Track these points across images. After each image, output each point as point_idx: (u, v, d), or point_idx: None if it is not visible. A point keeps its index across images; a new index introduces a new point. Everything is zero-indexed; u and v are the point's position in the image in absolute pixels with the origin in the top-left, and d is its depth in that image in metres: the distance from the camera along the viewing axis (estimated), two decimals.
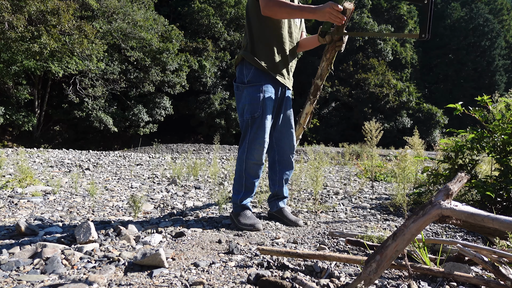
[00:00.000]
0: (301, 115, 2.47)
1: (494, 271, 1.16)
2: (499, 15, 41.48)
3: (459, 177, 1.24)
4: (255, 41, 2.12)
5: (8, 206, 2.48)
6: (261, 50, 2.11)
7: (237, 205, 2.14)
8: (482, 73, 36.77)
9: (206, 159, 8.00)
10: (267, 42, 2.12)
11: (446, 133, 22.64)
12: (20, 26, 12.32)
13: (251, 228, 1.99)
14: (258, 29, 2.11)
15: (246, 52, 2.13)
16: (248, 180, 2.12)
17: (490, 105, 2.60)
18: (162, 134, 21.39)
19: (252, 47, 2.12)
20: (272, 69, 2.13)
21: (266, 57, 2.11)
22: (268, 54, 2.12)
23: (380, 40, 30.01)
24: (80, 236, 1.64)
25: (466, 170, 2.70)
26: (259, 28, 2.11)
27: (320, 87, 2.24)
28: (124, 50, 17.67)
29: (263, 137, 2.06)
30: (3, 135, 16.41)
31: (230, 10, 24.34)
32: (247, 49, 2.14)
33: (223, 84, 23.50)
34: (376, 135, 3.45)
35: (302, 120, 2.47)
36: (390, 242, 1.12)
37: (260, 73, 2.12)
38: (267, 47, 2.12)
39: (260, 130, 2.06)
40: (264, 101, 2.06)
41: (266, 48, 2.12)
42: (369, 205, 2.98)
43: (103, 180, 4.06)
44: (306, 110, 2.42)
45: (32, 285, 1.18)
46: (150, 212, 2.50)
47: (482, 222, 1.05)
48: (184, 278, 1.27)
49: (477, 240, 1.95)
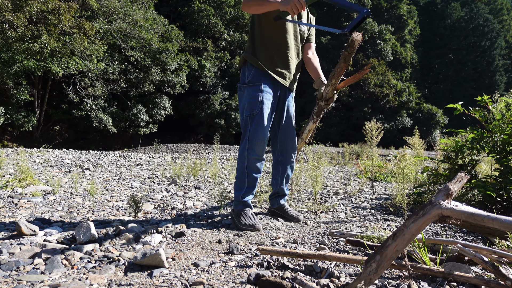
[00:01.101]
0: (303, 131, 2.53)
1: (494, 271, 1.16)
2: (499, 15, 41.48)
3: (459, 177, 1.24)
4: (256, 44, 2.23)
5: (8, 206, 2.48)
6: (261, 51, 2.21)
7: (238, 202, 2.17)
8: (482, 73, 36.78)
9: (206, 159, 8.01)
10: (268, 44, 2.21)
11: (446, 133, 22.66)
12: (21, 26, 12.32)
13: (251, 228, 2.02)
14: (260, 32, 2.21)
15: (247, 54, 2.25)
16: (250, 176, 2.16)
17: (490, 105, 2.60)
18: (162, 134, 21.39)
19: (253, 49, 2.23)
20: (271, 69, 2.20)
21: (266, 57, 2.20)
22: (267, 55, 2.21)
23: (380, 40, 30.02)
24: (80, 236, 1.64)
25: (466, 170, 2.70)
26: (260, 31, 2.21)
27: (323, 108, 2.28)
28: (124, 50, 17.68)
29: (263, 133, 2.12)
30: (3, 135, 16.40)
31: (230, 10, 24.34)
32: (248, 51, 2.26)
33: (223, 84, 23.50)
34: (376, 135, 3.45)
35: (304, 136, 2.53)
36: (390, 242, 1.12)
37: (260, 74, 2.20)
38: (267, 48, 2.21)
39: (259, 126, 2.12)
40: (262, 99, 2.14)
41: (266, 49, 2.21)
42: (369, 205, 2.98)
43: (103, 180, 4.06)
44: (309, 127, 2.48)
45: (32, 285, 1.18)
46: (150, 212, 2.50)
47: (482, 222, 1.05)
48: (184, 278, 1.27)
49: (477, 240, 1.95)
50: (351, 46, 1.85)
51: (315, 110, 2.34)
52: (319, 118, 2.38)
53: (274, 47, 2.21)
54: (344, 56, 1.91)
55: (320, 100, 2.24)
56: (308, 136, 2.54)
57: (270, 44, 2.20)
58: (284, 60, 2.25)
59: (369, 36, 29.77)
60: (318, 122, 2.45)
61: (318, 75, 2.29)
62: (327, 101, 2.21)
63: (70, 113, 16.81)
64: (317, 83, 2.28)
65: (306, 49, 2.39)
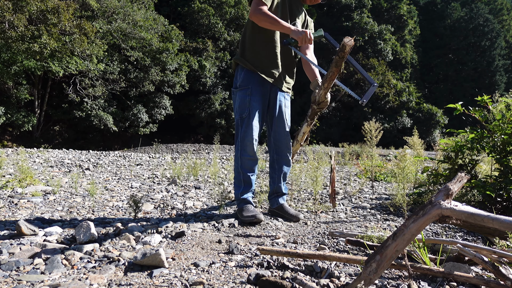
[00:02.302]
0: (298, 133, 2.57)
1: (494, 271, 1.16)
2: (499, 15, 41.48)
3: (459, 177, 1.24)
4: (247, 45, 2.31)
5: (8, 206, 2.48)
6: (250, 52, 2.29)
7: (239, 200, 2.27)
8: (482, 73, 36.78)
9: (206, 159, 8.01)
10: (257, 44, 2.28)
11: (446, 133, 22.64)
12: (21, 26, 12.31)
13: (252, 218, 2.10)
14: (252, 33, 2.28)
15: (237, 56, 2.34)
16: (245, 175, 2.28)
17: (490, 105, 2.60)
18: (162, 134, 21.39)
19: (243, 50, 2.32)
20: (258, 68, 2.27)
21: (254, 58, 2.28)
22: (255, 55, 2.28)
23: (380, 40, 30.03)
24: (80, 236, 1.64)
25: (466, 170, 2.70)
26: (252, 32, 2.28)
27: (317, 111, 2.31)
28: (124, 50, 17.66)
29: (252, 135, 2.22)
30: (3, 135, 16.40)
31: (230, 10, 24.33)
32: (238, 53, 2.35)
33: (223, 84, 23.50)
34: (376, 135, 3.45)
35: (299, 138, 2.56)
36: (390, 242, 1.12)
37: (249, 76, 2.27)
38: (256, 48, 2.28)
39: (249, 128, 2.21)
40: (250, 102, 2.23)
41: (255, 49, 2.28)
42: (369, 205, 2.98)
43: (103, 180, 4.06)
44: (303, 130, 2.51)
45: (32, 285, 1.18)
46: (150, 212, 2.50)
47: (482, 222, 1.05)
48: (184, 278, 1.27)
49: (477, 240, 1.95)
50: (342, 51, 1.85)
51: (309, 113, 2.38)
52: (313, 121, 2.42)
53: (263, 47, 2.27)
54: (335, 60, 1.92)
55: (313, 104, 2.27)
56: (303, 139, 2.57)
57: (259, 44, 2.27)
58: (272, 59, 2.29)
59: (369, 36, 29.77)
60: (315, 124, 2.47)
61: (315, 76, 2.32)
62: (319, 105, 2.24)
63: (70, 113, 16.80)
64: (313, 84, 2.30)
65: (304, 49, 2.40)
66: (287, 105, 2.43)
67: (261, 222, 2.15)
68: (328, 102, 2.24)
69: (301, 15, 2.41)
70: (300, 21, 2.40)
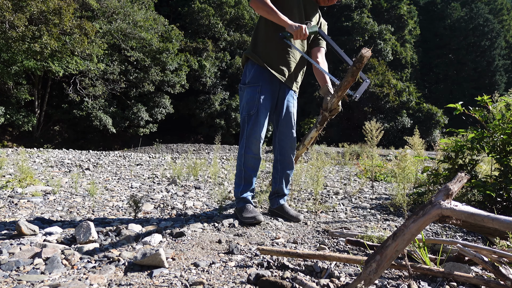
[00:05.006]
0: (306, 138, 2.59)
1: (494, 271, 1.16)
2: (499, 15, 41.48)
3: (459, 177, 1.24)
4: (259, 40, 2.27)
5: (8, 206, 2.48)
6: (262, 48, 2.25)
7: (238, 199, 2.25)
8: (482, 73, 36.77)
9: (206, 159, 8.01)
10: (270, 41, 2.23)
11: (446, 133, 22.64)
12: (21, 26, 12.32)
13: (252, 220, 2.09)
14: (265, 29, 2.24)
15: (248, 51, 2.30)
16: (247, 173, 2.25)
17: (490, 105, 2.60)
18: (162, 134, 21.39)
19: (255, 45, 2.28)
20: (269, 64, 2.23)
21: (265, 54, 2.24)
22: (267, 51, 2.24)
23: (380, 40, 30.03)
24: (80, 236, 1.64)
25: (466, 170, 2.70)
26: (266, 28, 2.24)
27: (328, 118, 2.32)
28: (124, 50, 17.67)
29: (259, 132, 2.18)
30: (3, 135, 16.40)
31: (230, 10, 24.34)
32: (249, 48, 2.31)
33: (223, 84, 23.49)
34: (376, 135, 3.45)
35: (306, 142, 2.59)
36: (390, 242, 1.12)
37: (260, 72, 2.23)
38: (269, 45, 2.24)
39: (256, 126, 2.18)
40: (259, 100, 2.19)
41: (267, 46, 2.24)
42: (369, 205, 2.98)
43: (103, 180, 4.06)
44: (311, 135, 2.53)
45: (32, 285, 1.18)
46: (150, 212, 2.50)
47: (482, 222, 1.05)
48: (184, 278, 1.27)
49: (477, 240, 1.95)
50: (359, 62, 1.87)
51: (319, 119, 2.38)
52: (322, 127, 2.43)
53: (275, 44, 2.22)
54: (352, 71, 1.94)
55: (325, 111, 2.27)
56: (310, 143, 2.59)
57: (272, 41, 2.22)
58: (284, 57, 2.26)
59: (369, 36, 29.76)
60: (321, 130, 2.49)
61: (325, 82, 2.29)
62: (331, 112, 2.25)
63: (70, 113, 16.80)
64: (323, 90, 2.28)
65: (315, 52, 2.38)
66: (294, 105, 2.40)
67: (261, 222, 2.15)
68: (339, 109, 2.24)
69: (315, 16, 2.36)
70: (315, 20, 2.36)
